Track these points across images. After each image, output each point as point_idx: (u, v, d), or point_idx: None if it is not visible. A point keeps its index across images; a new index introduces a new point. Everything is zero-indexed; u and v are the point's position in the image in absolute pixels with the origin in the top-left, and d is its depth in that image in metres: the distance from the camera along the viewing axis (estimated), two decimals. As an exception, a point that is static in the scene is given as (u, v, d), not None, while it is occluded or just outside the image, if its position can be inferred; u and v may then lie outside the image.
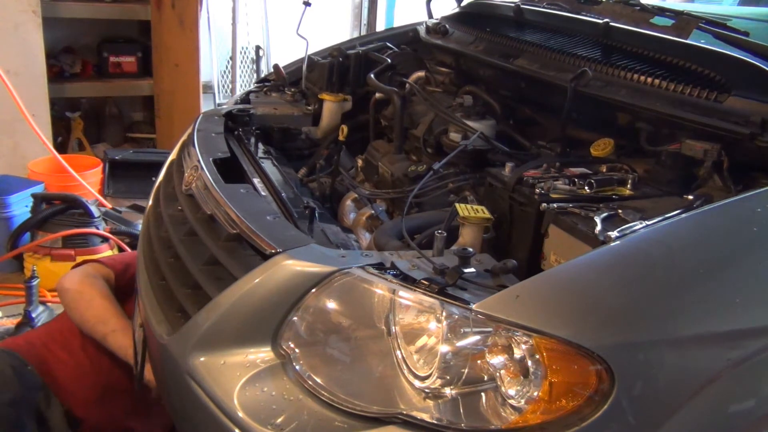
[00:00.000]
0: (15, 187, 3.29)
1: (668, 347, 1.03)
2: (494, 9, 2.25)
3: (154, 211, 1.78)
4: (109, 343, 1.86)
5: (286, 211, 1.51)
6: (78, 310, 1.92)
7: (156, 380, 1.58)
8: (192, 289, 1.39)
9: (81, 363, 1.90)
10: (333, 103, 2.29)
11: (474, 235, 1.42)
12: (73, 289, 1.95)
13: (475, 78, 2.12)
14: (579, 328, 1.02)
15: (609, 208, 1.29)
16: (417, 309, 1.12)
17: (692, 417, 1.04)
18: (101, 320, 1.88)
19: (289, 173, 1.99)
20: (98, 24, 4.69)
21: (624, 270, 1.09)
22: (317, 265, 1.19)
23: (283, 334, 1.19)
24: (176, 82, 4.49)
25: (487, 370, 1.06)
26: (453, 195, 1.72)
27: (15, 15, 3.70)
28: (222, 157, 1.73)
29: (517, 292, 1.07)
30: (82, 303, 1.92)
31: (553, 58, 1.74)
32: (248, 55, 5.40)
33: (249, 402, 1.14)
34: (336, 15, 5.82)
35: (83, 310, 1.91)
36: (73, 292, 1.94)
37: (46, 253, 3.02)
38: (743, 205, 1.17)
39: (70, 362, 1.90)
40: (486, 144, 1.77)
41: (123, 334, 1.84)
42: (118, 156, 4.18)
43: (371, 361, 1.15)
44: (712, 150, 1.34)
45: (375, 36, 2.71)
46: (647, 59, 1.56)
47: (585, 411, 1.00)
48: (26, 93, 3.59)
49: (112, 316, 1.90)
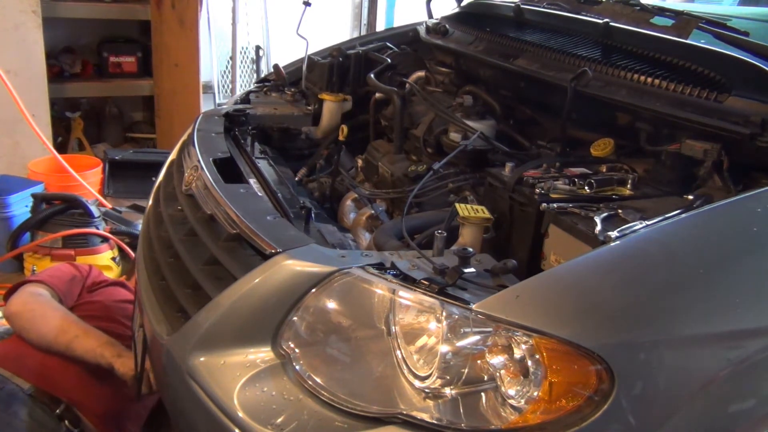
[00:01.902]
0: (15, 187, 3.29)
1: (668, 347, 1.03)
2: (494, 9, 2.25)
3: (154, 211, 1.78)
4: (74, 349, 1.83)
5: (282, 212, 1.51)
6: (34, 328, 1.86)
7: (156, 380, 1.58)
8: (192, 289, 1.39)
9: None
10: (333, 103, 2.29)
11: (474, 235, 1.42)
12: (23, 310, 1.90)
13: (475, 78, 2.12)
14: (579, 328, 1.02)
15: (609, 208, 1.29)
16: (417, 309, 1.12)
17: (692, 417, 1.04)
18: (61, 330, 1.84)
19: (286, 173, 1.99)
20: (98, 24, 4.69)
21: (624, 270, 1.09)
22: (317, 265, 1.20)
23: (283, 334, 1.19)
24: (176, 82, 4.49)
25: (487, 370, 1.06)
26: (453, 195, 1.72)
27: (15, 15, 3.70)
28: (222, 157, 1.73)
29: (517, 292, 1.07)
30: (37, 320, 1.87)
31: (553, 58, 1.74)
32: (248, 55, 5.40)
33: (249, 402, 1.14)
34: (336, 15, 5.82)
35: (39, 326, 1.86)
36: (23, 312, 1.90)
37: (46, 253, 3.01)
38: (743, 205, 1.17)
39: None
40: (486, 144, 1.77)
41: (86, 337, 1.83)
42: (118, 156, 4.18)
43: (371, 361, 1.15)
44: (712, 150, 1.34)
45: (375, 36, 2.72)
46: (647, 59, 1.56)
47: (585, 411, 1.00)
48: (26, 93, 3.59)
49: (70, 323, 1.87)
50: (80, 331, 1.86)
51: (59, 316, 1.90)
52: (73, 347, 1.83)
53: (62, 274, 2.12)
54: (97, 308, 2.06)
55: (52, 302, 1.96)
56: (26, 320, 1.89)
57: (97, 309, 2.06)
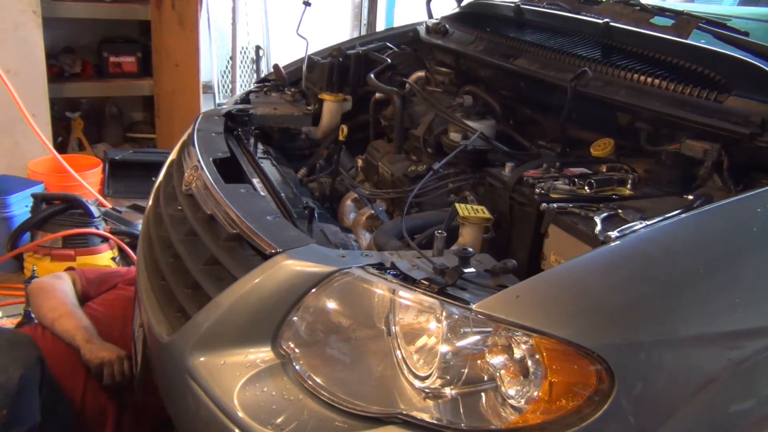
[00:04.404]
0: (15, 187, 3.29)
1: (668, 347, 1.03)
2: (494, 9, 2.25)
3: (154, 211, 1.78)
4: (56, 328, 1.93)
5: (285, 211, 1.51)
6: (36, 303, 2.04)
7: (156, 380, 1.58)
8: (192, 289, 1.39)
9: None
10: (333, 103, 2.29)
11: (474, 235, 1.42)
12: (36, 288, 2.10)
13: (475, 78, 2.12)
14: (579, 328, 1.02)
15: (609, 208, 1.29)
16: (417, 309, 1.12)
17: (692, 417, 1.04)
18: (51, 308, 1.98)
19: (288, 173, 1.99)
20: (98, 24, 4.69)
21: (624, 270, 1.09)
22: (317, 265, 1.19)
23: (283, 334, 1.19)
24: (176, 82, 4.48)
25: (487, 370, 1.06)
26: (453, 195, 1.72)
27: (15, 15, 3.70)
28: (222, 157, 1.73)
29: (517, 292, 1.07)
30: (41, 296, 2.04)
31: (553, 58, 1.74)
32: (248, 55, 5.39)
33: (249, 402, 1.14)
34: (336, 15, 5.82)
35: (41, 301, 2.02)
36: (35, 290, 2.09)
37: (46, 253, 3.01)
38: (743, 205, 1.17)
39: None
40: (486, 144, 1.77)
41: (67, 318, 1.94)
42: (118, 156, 4.18)
43: (371, 361, 1.15)
44: (712, 150, 1.34)
45: (375, 36, 2.72)
46: (647, 59, 1.56)
47: (585, 411, 1.00)
48: (26, 93, 3.59)
49: (61, 304, 1.99)
50: (65, 312, 1.96)
51: (57, 297, 2.01)
52: (55, 326, 1.94)
53: (97, 269, 2.31)
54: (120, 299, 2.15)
55: (62, 285, 2.08)
56: (34, 298, 2.07)
57: (121, 300, 2.14)
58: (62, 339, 1.91)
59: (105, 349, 1.86)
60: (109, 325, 1.99)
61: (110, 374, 1.84)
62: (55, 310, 1.97)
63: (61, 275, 2.15)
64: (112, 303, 2.10)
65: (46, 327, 1.95)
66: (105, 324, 1.99)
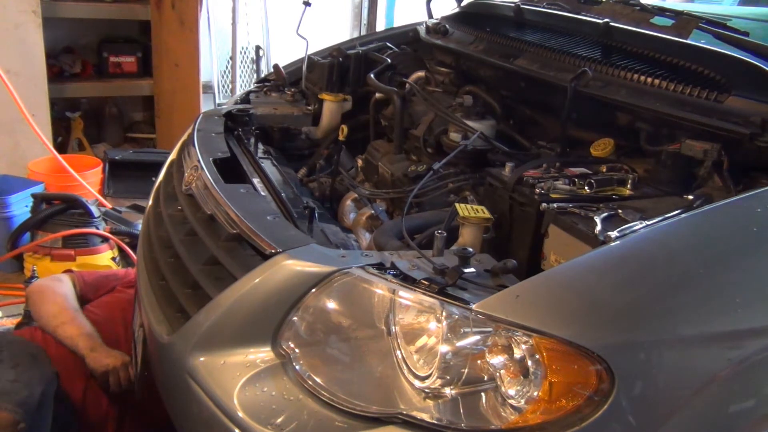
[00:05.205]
0: (15, 187, 3.28)
1: (668, 347, 1.03)
2: (494, 9, 2.25)
3: (154, 211, 1.78)
4: (59, 334, 1.92)
5: (286, 211, 1.51)
6: (35, 307, 2.03)
7: (156, 380, 1.58)
8: (192, 289, 1.39)
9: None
10: (333, 103, 2.29)
11: (474, 235, 1.42)
12: (36, 291, 2.09)
13: (475, 78, 2.12)
14: (579, 328, 1.02)
15: (609, 208, 1.29)
16: (417, 309, 1.12)
17: (692, 417, 1.04)
18: (52, 314, 1.98)
19: (289, 173, 1.99)
20: (98, 24, 4.69)
21: (624, 270, 1.09)
22: (317, 265, 1.20)
23: (283, 334, 1.19)
24: (176, 82, 4.48)
25: (487, 370, 1.06)
26: (453, 195, 1.72)
27: (15, 15, 3.70)
28: (222, 157, 1.73)
29: (517, 292, 1.07)
30: (41, 300, 2.03)
31: (553, 58, 1.74)
32: (248, 55, 5.39)
33: (249, 402, 1.14)
34: (336, 15, 5.82)
35: (40, 305, 2.02)
36: (35, 293, 2.08)
37: (46, 253, 3.01)
38: (743, 205, 1.17)
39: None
40: (486, 144, 1.77)
41: (70, 324, 1.93)
42: (118, 156, 4.17)
43: (371, 361, 1.15)
44: (712, 150, 1.34)
45: (375, 36, 2.71)
46: (647, 59, 1.56)
47: (585, 411, 1.00)
48: (26, 93, 3.59)
49: (63, 310, 1.98)
50: (67, 318, 1.95)
51: (57, 302, 2.01)
52: (58, 332, 1.93)
53: (95, 272, 2.28)
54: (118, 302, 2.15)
55: (62, 289, 2.07)
56: (33, 301, 2.06)
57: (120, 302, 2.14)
58: (64, 346, 1.90)
59: (109, 357, 1.87)
60: (110, 329, 1.99)
61: (116, 382, 1.83)
62: (56, 317, 1.96)
63: (61, 277, 2.15)
64: (110, 306, 2.10)
65: (48, 332, 1.94)
66: (106, 327, 1.99)
